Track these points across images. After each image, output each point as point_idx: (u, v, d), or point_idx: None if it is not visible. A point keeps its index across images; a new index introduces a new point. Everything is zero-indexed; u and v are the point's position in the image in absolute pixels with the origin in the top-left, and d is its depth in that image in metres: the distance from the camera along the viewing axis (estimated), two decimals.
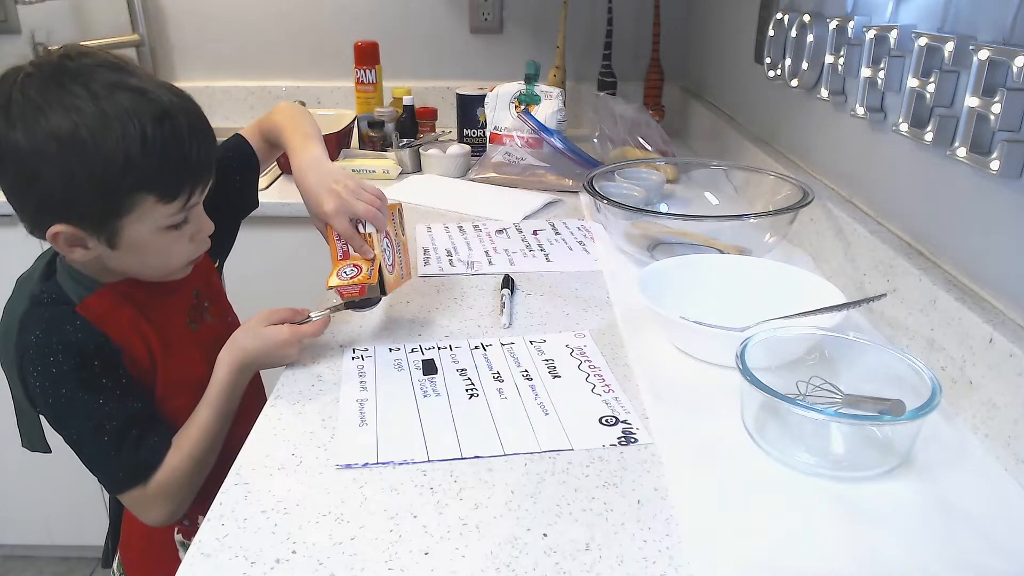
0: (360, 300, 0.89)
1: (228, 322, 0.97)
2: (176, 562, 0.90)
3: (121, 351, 0.79)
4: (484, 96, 1.66)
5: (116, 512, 0.99)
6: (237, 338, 0.83)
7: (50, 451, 0.87)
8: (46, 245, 0.76)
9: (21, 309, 0.78)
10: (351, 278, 0.86)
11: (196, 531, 0.89)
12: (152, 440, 0.79)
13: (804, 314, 0.82)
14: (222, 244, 0.98)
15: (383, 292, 0.89)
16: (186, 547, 0.91)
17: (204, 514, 0.89)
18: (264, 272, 1.50)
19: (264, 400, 0.80)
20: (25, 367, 0.76)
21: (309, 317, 0.86)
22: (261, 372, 1.06)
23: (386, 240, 0.91)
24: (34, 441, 0.86)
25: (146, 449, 0.78)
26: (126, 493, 0.79)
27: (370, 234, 0.89)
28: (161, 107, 0.70)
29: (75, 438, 0.78)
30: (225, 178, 0.90)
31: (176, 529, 0.91)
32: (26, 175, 0.69)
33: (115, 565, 0.98)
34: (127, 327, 0.80)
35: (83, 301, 0.78)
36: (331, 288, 0.87)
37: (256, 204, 1.06)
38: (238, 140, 1.02)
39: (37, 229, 0.73)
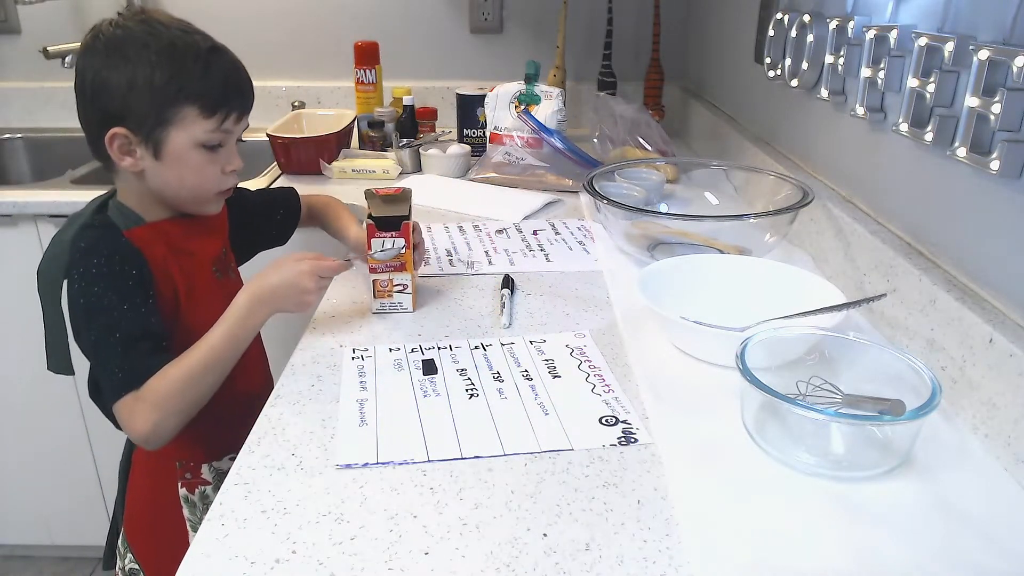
0: (390, 207, 0.97)
1: None
2: (182, 524, 0.95)
3: (154, 279, 0.87)
4: (484, 96, 1.65)
5: (118, 509, 1.00)
6: (260, 273, 0.89)
7: (73, 373, 0.95)
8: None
9: (71, 234, 0.88)
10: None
11: (200, 484, 0.96)
12: (160, 356, 0.83)
13: (804, 314, 0.82)
14: (243, 254, 1.10)
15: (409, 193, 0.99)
16: (189, 503, 0.96)
17: (207, 462, 0.96)
18: None
19: (269, 375, 0.81)
20: (71, 271, 0.85)
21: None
22: (269, 368, 1.07)
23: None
24: (60, 363, 0.95)
25: (151, 358, 0.82)
26: (120, 400, 0.80)
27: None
28: (213, 43, 0.88)
29: (93, 339, 0.83)
30: (272, 208, 1.15)
31: (179, 483, 0.95)
32: (99, 83, 0.83)
33: (120, 540, 1.00)
34: (159, 262, 0.88)
35: (129, 230, 0.88)
36: (367, 190, 1.02)
37: (285, 242, 1.18)
38: (292, 189, 1.20)
39: (100, 134, 0.84)
